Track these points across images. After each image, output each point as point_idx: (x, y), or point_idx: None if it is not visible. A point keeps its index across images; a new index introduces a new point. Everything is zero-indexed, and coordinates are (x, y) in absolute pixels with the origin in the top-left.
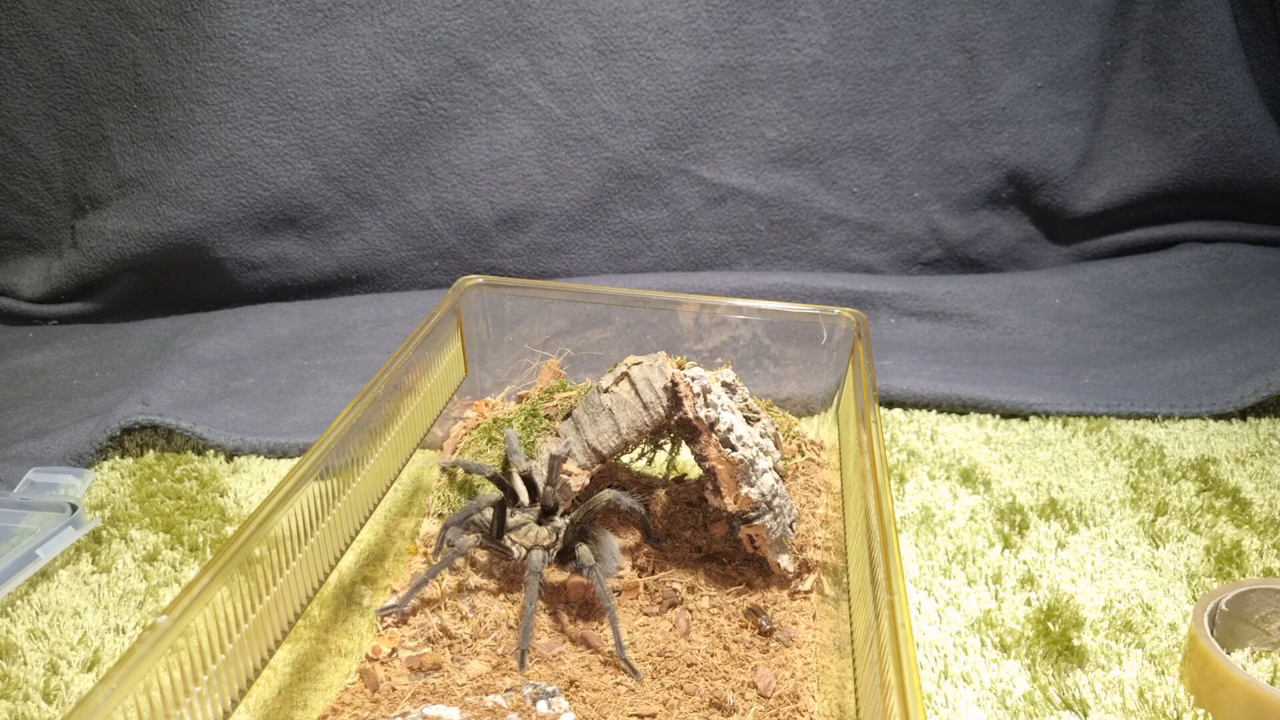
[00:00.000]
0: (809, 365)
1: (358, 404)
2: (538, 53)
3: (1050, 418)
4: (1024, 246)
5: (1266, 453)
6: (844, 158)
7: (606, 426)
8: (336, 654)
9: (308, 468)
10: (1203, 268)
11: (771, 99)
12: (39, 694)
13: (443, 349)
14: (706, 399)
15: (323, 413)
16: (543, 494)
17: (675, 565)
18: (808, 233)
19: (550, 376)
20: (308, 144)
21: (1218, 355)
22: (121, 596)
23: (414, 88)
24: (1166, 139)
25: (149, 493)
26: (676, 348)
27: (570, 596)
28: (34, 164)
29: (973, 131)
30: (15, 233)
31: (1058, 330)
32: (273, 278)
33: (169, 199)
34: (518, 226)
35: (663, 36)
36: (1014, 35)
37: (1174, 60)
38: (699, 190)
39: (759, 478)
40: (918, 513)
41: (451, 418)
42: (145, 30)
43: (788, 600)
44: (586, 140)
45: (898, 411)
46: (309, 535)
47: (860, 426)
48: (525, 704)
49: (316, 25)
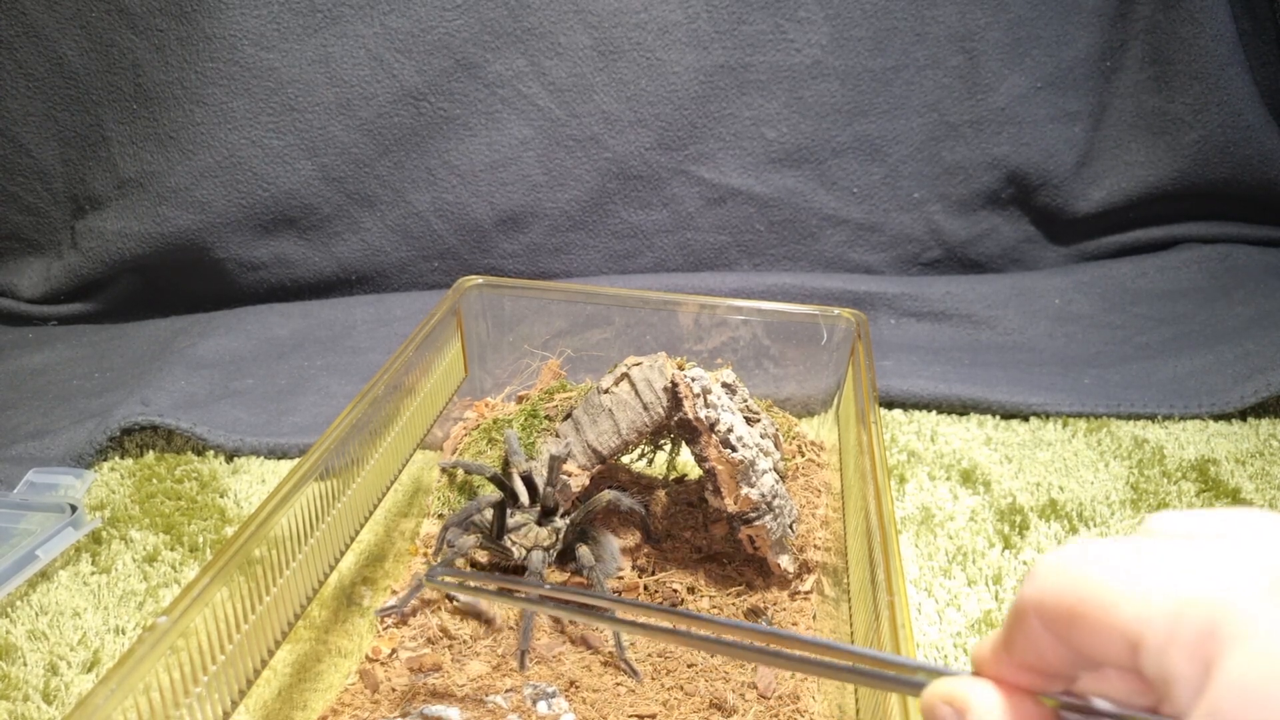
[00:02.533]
0: (809, 366)
1: (358, 404)
2: (538, 53)
3: (1050, 418)
4: (1024, 247)
5: (1266, 453)
6: (844, 158)
7: (606, 427)
8: (336, 654)
9: (308, 468)
10: (1203, 268)
11: (771, 99)
12: (39, 694)
13: (443, 349)
14: (706, 399)
15: (323, 413)
16: (543, 495)
17: (675, 565)
18: (807, 233)
19: (550, 377)
20: (308, 144)
21: (1218, 355)
22: (121, 597)
23: (414, 88)
24: (1166, 139)
25: (149, 493)
26: (676, 348)
27: None
28: (34, 164)
29: (972, 132)
30: (15, 233)
31: (1058, 330)
32: (273, 278)
33: (169, 199)
34: (518, 227)
35: (663, 37)
36: (1014, 35)
37: (1174, 60)
38: (699, 191)
39: (759, 478)
40: (918, 513)
41: (451, 418)
42: (145, 30)
43: (788, 600)
44: (586, 141)
45: (898, 412)
46: (309, 536)
47: (860, 427)
48: (525, 704)
49: (316, 25)
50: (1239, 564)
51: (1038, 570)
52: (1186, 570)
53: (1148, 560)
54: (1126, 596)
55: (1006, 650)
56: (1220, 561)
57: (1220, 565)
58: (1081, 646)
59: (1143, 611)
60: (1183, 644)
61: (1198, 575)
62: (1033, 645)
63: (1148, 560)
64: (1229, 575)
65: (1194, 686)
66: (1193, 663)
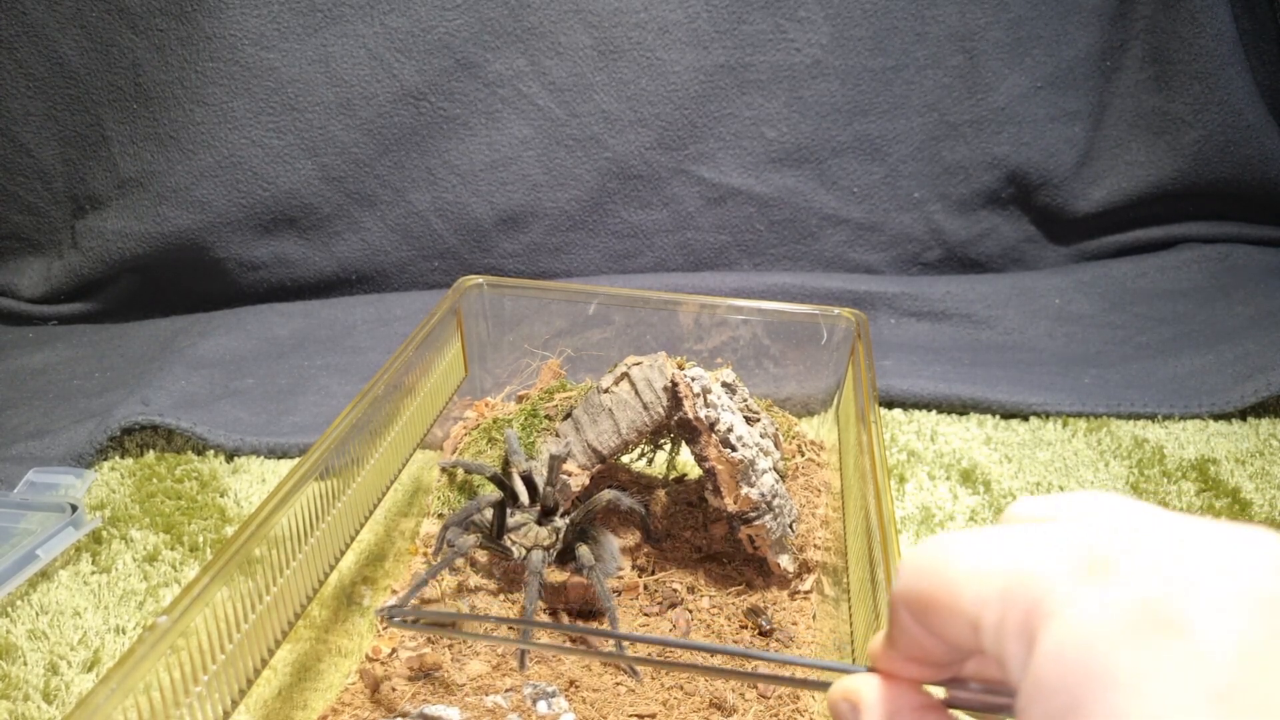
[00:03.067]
0: (809, 365)
1: (358, 404)
2: (538, 53)
3: (1050, 418)
4: (1024, 246)
5: (1266, 453)
6: (844, 158)
7: (606, 426)
8: (336, 654)
9: (308, 468)
10: (1203, 268)
11: (771, 99)
12: (39, 694)
13: (443, 349)
14: (706, 399)
15: (323, 413)
16: (542, 494)
17: (675, 565)
18: (808, 233)
19: (550, 376)
20: (308, 144)
21: (1218, 355)
22: (121, 597)
23: (414, 88)
24: (1166, 139)
25: (149, 493)
26: (676, 348)
27: (570, 597)
28: (34, 164)
29: (973, 131)
30: (15, 233)
31: (1058, 330)
32: (273, 278)
33: (169, 199)
34: (518, 226)
35: (663, 36)
36: (1014, 35)
37: (1174, 60)
38: (699, 190)
39: (759, 478)
40: (918, 513)
41: (451, 418)
42: (145, 30)
43: (788, 600)
44: (586, 140)
45: (898, 411)
46: (309, 535)
47: (860, 426)
48: (525, 704)
49: (316, 25)
50: (1060, 545)
51: (901, 565)
52: (1016, 554)
53: (987, 547)
54: (966, 582)
55: (891, 645)
56: (1044, 543)
57: (1044, 547)
58: (941, 634)
59: (979, 595)
60: (1011, 623)
61: (1023, 558)
62: (909, 638)
63: (987, 547)
64: (1049, 556)
65: (1022, 661)
66: (1019, 640)
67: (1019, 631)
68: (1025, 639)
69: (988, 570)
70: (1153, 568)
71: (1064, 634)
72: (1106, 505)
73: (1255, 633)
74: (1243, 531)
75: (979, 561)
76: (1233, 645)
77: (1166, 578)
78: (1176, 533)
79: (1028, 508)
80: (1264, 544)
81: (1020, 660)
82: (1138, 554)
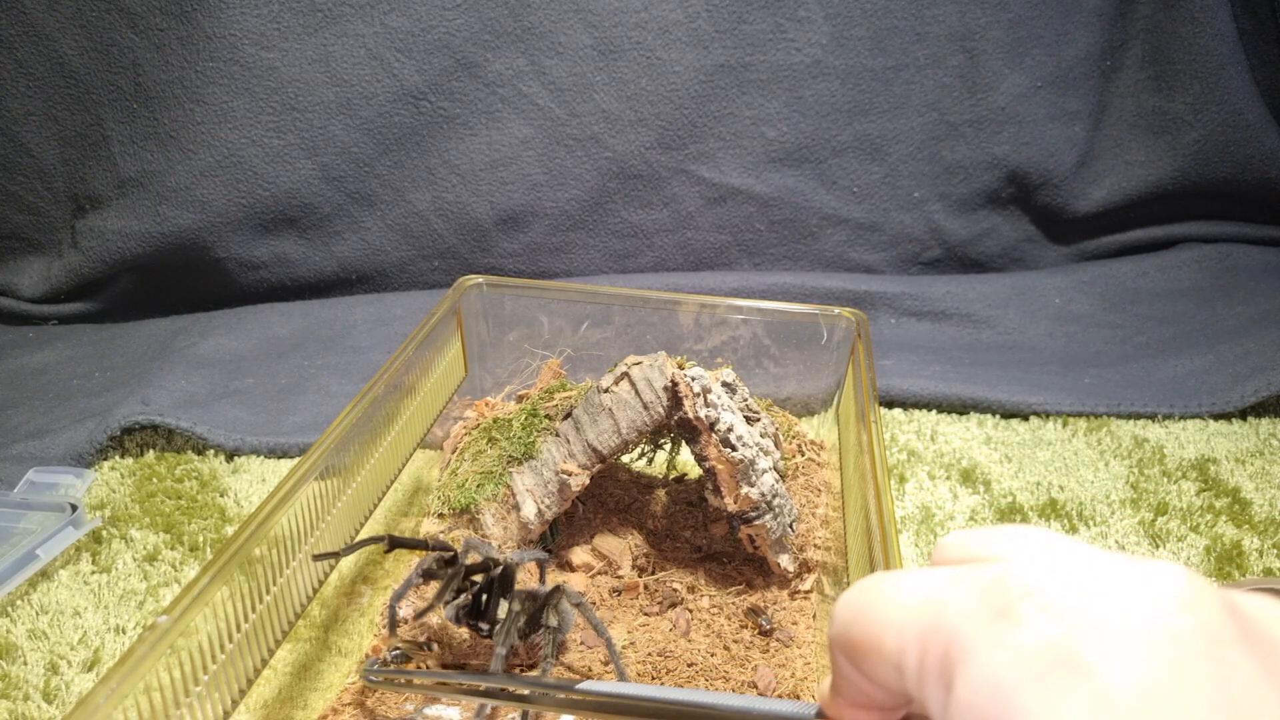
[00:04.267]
0: (809, 365)
1: (358, 404)
2: (538, 53)
3: (1050, 418)
4: (1024, 246)
5: (1266, 453)
6: (844, 158)
7: (606, 426)
8: (336, 654)
9: (308, 468)
10: (1203, 268)
11: (771, 99)
12: (39, 694)
13: (443, 349)
14: (706, 399)
15: (323, 413)
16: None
17: (675, 565)
18: (808, 233)
19: (550, 376)
20: (308, 144)
21: (1218, 355)
22: (121, 596)
23: (414, 88)
24: (1166, 139)
25: (149, 493)
26: (676, 348)
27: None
28: (34, 164)
29: (973, 131)
30: (15, 233)
31: (1058, 330)
32: (273, 278)
33: (169, 199)
34: (518, 226)
35: (663, 36)
36: (1014, 35)
37: (1174, 60)
38: (699, 190)
39: (759, 478)
40: (918, 513)
41: (451, 417)
42: (145, 30)
43: (788, 600)
44: (586, 140)
45: (898, 411)
46: (309, 535)
47: (860, 426)
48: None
49: (316, 25)
50: (974, 586)
51: (834, 609)
52: (934, 596)
53: (909, 590)
54: (888, 625)
55: (835, 692)
56: (961, 585)
57: (960, 589)
58: (873, 678)
59: (901, 638)
60: (930, 667)
61: (941, 601)
62: (849, 683)
63: (909, 590)
64: (963, 598)
65: (943, 704)
66: (939, 684)
67: (938, 675)
68: (944, 682)
69: (907, 614)
70: (1058, 608)
71: (975, 677)
72: (1030, 541)
73: (1155, 668)
74: (1149, 567)
75: (901, 604)
76: (1133, 682)
77: (1071, 619)
78: (1085, 571)
79: (958, 544)
80: (1167, 578)
81: (941, 703)
82: (1044, 595)
